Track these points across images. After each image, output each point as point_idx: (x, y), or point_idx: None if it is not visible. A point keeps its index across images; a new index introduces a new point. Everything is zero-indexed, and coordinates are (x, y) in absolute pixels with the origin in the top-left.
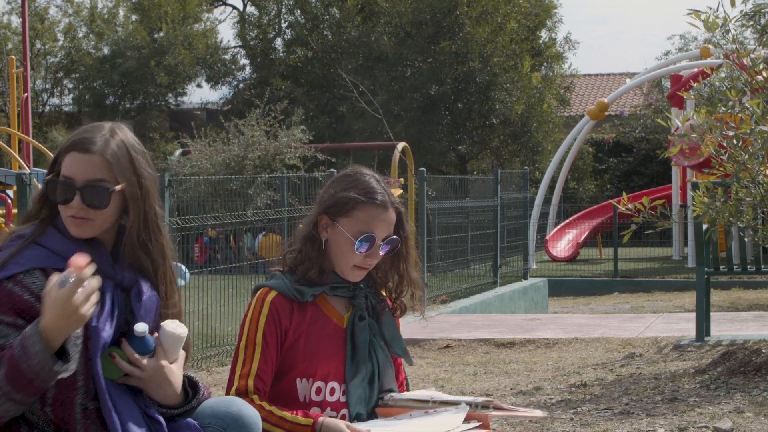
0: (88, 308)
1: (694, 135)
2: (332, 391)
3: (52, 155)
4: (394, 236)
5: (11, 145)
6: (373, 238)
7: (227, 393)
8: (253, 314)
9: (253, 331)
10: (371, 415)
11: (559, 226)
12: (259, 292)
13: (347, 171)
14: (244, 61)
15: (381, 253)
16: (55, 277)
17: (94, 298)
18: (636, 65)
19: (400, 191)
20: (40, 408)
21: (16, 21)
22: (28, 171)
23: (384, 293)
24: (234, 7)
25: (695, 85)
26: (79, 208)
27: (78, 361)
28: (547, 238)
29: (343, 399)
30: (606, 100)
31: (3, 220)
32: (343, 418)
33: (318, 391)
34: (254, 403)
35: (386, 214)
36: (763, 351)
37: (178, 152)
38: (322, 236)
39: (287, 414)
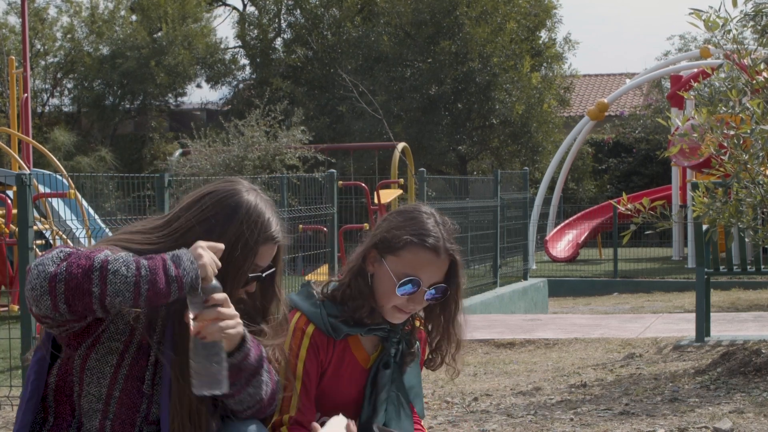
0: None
1: (694, 135)
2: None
3: (51, 155)
4: (443, 284)
5: (11, 146)
6: (417, 282)
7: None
8: (293, 344)
9: (293, 361)
10: None
11: (559, 227)
12: (297, 319)
13: (406, 206)
14: (244, 61)
15: (426, 299)
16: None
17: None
18: (636, 65)
19: (400, 191)
20: (99, 420)
21: (15, 21)
22: (27, 171)
23: (418, 338)
24: (234, 8)
25: (696, 85)
26: None
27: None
28: (547, 238)
29: None
30: (606, 101)
31: (3, 220)
32: None
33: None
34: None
35: (437, 260)
36: (763, 351)
37: (177, 152)
38: (369, 270)
39: None
